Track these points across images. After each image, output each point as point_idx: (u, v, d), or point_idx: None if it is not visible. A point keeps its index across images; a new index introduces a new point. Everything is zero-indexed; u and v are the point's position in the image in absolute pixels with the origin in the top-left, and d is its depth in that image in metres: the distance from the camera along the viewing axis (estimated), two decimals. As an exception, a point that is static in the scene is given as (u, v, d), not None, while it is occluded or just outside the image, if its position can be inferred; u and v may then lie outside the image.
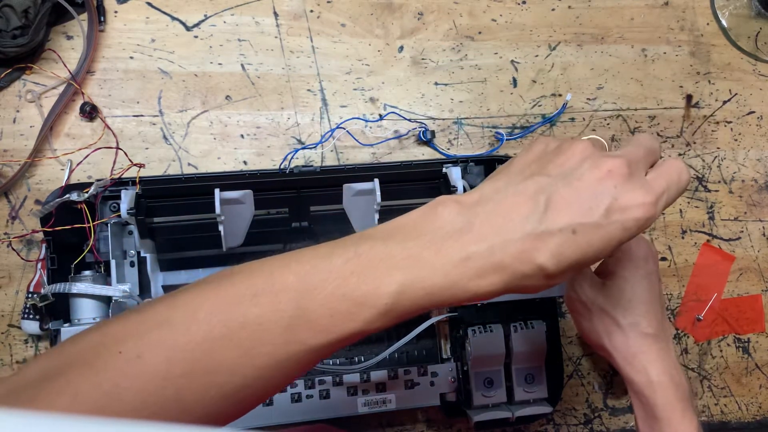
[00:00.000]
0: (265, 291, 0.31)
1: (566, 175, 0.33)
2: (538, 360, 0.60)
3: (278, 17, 0.65)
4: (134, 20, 0.62)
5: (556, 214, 0.32)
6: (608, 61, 0.71)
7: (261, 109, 0.64)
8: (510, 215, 0.32)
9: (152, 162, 0.62)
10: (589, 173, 0.33)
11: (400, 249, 0.32)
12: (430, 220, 0.33)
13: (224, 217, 0.53)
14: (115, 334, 0.30)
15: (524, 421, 0.61)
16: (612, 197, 0.32)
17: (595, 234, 0.32)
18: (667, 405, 0.43)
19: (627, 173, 0.33)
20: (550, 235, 0.31)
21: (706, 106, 0.72)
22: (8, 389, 0.29)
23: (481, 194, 0.34)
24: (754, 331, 0.72)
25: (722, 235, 0.72)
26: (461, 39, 0.68)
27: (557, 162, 0.34)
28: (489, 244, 0.32)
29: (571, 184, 0.33)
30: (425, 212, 0.34)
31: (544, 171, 0.34)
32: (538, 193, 0.32)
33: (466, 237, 0.32)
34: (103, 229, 0.56)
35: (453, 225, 0.33)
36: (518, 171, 0.35)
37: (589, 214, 0.32)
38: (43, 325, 0.56)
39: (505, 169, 0.36)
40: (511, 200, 0.33)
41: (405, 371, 0.59)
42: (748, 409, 0.71)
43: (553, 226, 0.32)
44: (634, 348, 0.44)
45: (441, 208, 0.33)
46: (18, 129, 0.60)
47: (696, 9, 0.73)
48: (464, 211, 0.33)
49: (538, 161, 0.35)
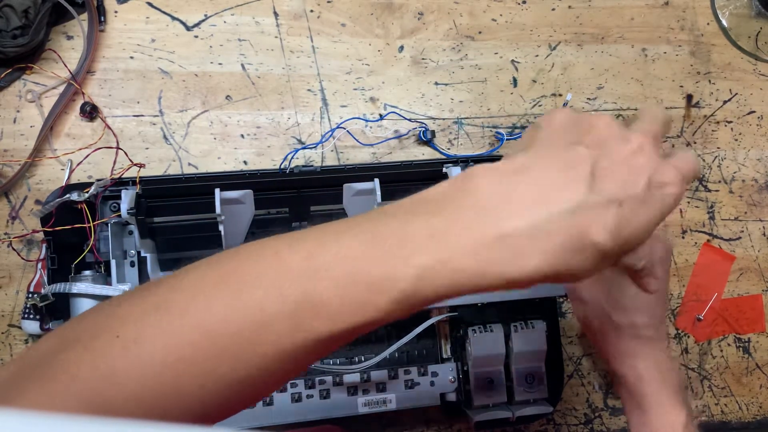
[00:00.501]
0: (269, 272, 0.28)
1: (599, 146, 0.30)
2: (539, 360, 0.60)
3: (278, 17, 0.65)
4: (134, 20, 0.62)
5: (604, 184, 0.28)
6: (608, 61, 0.71)
7: (261, 109, 0.64)
8: (556, 184, 0.28)
9: (152, 162, 0.62)
10: (622, 147, 0.30)
11: (423, 226, 0.28)
12: (461, 192, 0.29)
13: (224, 217, 0.53)
14: (115, 316, 0.29)
15: (524, 421, 0.60)
16: (648, 172, 0.30)
17: (640, 208, 0.29)
18: (655, 398, 0.43)
19: (656, 149, 0.31)
20: (603, 206, 0.28)
21: (706, 105, 0.72)
22: (16, 369, 0.29)
23: (519, 162, 0.29)
24: (755, 331, 0.72)
25: (722, 235, 0.72)
26: (461, 39, 0.68)
27: (583, 133, 0.31)
28: (532, 219, 0.27)
29: (609, 155, 0.30)
30: (455, 183, 0.29)
31: (576, 141, 0.30)
32: (581, 162, 0.29)
33: (502, 210, 0.27)
34: (104, 229, 0.56)
35: (488, 197, 0.28)
36: (551, 139, 0.30)
37: (633, 187, 0.29)
38: (44, 325, 0.56)
39: (534, 138, 0.31)
40: (555, 167, 0.29)
41: (405, 371, 0.59)
42: (748, 408, 0.71)
43: (602, 196, 0.28)
44: (626, 347, 0.44)
45: (477, 178, 0.29)
46: (18, 129, 0.60)
47: (696, 9, 0.73)
48: (503, 179, 0.28)
49: (568, 131, 0.31)
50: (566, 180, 0.28)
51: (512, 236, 0.27)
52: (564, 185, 0.28)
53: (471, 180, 0.29)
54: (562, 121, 0.31)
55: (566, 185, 0.28)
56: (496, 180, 0.28)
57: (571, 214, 0.27)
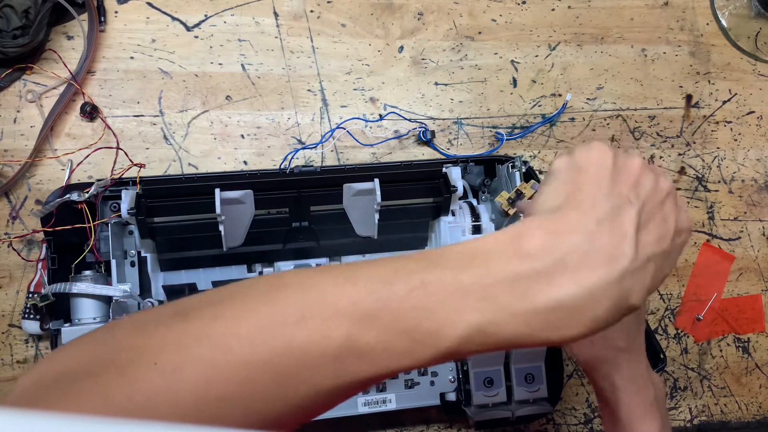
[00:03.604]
0: (315, 314, 0.27)
1: (640, 197, 0.31)
2: (538, 359, 0.60)
3: (278, 17, 0.65)
4: (135, 20, 0.63)
5: (645, 241, 0.30)
6: (608, 61, 0.71)
7: (261, 109, 0.64)
8: (608, 249, 0.28)
9: (153, 162, 0.62)
10: (655, 196, 0.32)
11: (476, 286, 0.27)
12: (511, 251, 0.28)
13: (224, 217, 0.53)
14: (155, 341, 0.28)
15: (524, 420, 0.61)
16: (673, 220, 0.32)
17: (666, 261, 0.31)
18: (629, 409, 0.44)
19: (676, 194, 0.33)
20: (643, 268, 0.29)
21: (705, 106, 0.72)
22: (39, 380, 0.27)
23: (566, 222, 0.29)
24: (754, 330, 0.72)
25: (722, 234, 0.72)
26: (461, 39, 0.68)
27: (625, 181, 0.31)
28: (585, 287, 0.27)
29: (648, 206, 0.31)
30: (506, 240, 0.29)
31: (621, 194, 0.30)
32: (626, 219, 0.29)
33: (558, 279, 0.27)
34: (104, 229, 0.56)
35: (541, 261, 0.28)
36: (595, 192, 0.30)
37: (665, 241, 0.31)
38: (44, 325, 0.56)
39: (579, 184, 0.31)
40: (606, 229, 0.29)
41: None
42: (748, 408, 0.71)
43: (645, 255, 0.29)
44: (601, 357, 0.44)
45: (526, 238, 0.28)
46: (18, 129, 0.60)
47: (696, 9, 0.73)
48: (554, 244, 0.28)
49: (607, 180, 0.31)
50: (616, 243, 0.29)
51: (565, 305, 0.27)
52: (615, 250, 0.28)
53: (519, 241, 0.28)
54: (601, 166, 0.31)
55: (617, 249, 0.28)
56: (550, 241, 0.28)
57: (620, 280, 0.28)
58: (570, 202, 0.30)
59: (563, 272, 0.28)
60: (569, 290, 0.27)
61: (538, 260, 0.28)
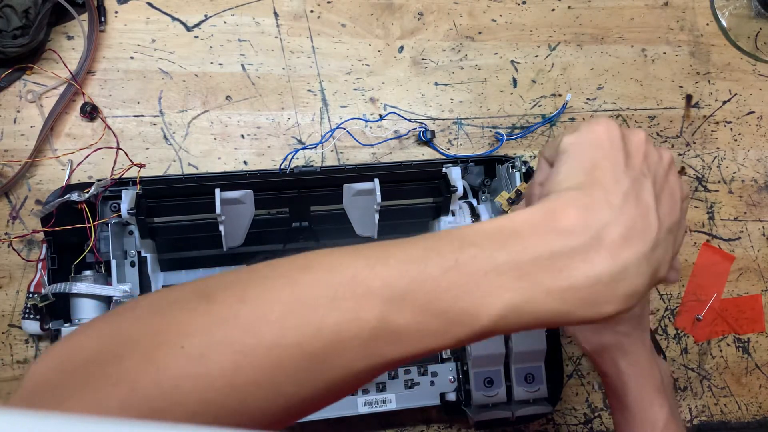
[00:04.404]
0: (347, 296, 0.27)
1: (651, 169, 0.32)
2: (538, 360, 0.60)
3: (278, 17, 0.65)
4: (135, 20, 0.63)
5: (663, 217, 0.30)
6: (608, 61, 0.71)
7: (261, 110, 0.64)
8: (637, 223, 0.29)
9: (153, 162, 0.62)
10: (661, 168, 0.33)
11: (511, 265, 0.27)
12: (544, 228, 0.28)
13: (224, 217, 0.53)
14: (179, 324, 0.27)
15: (524, 420, 0.61)
16: (678, 189, 0.33)
17: (679, 231, 0.32)
18: (636, 395, 0.44)
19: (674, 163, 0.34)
20: (666, 238, 0.30)
21: (705, 106, 0.72)
22: (59, 363, 0.27)
23: (596, 198, 0.29)
24: (754, 331, 0.72)
25: (722, 235, 0.72)
26: (461, 39, 0.68)
27: (636, 156, 0.32)
28: (621, 262, 0.28)
29: (657, 179, 0.32)
30: (539, 217, 0.29)
31: (636, 167, 0.31)
32: (646, 192, 0.30)
33: (594, 256, 0.27)
34: (104, 229, 0.56)
35: (576, 240, 0.28)
36: (613, 167, 0.31)
37: (674, 211, 0.32)
38: (44, 325, 0.56)
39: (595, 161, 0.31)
40: (632, 204, 0.29)
41: (405, 371, 0.59)
42: (748, 408, 0.71)
43: (664, 231, 0.30)
44: (606, 343, 0.44)
45: (560, 215, 0.28)
46: (18, 129, 0.60)
47: (696, 9, 0.73)
48: (587, 220, 0.28)
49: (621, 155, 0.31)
50: (643, 217, 0.29)
51: (602, 281, 0.27)
52: (643, 224, 0.29)
53: (554, 215, 0.28)
54: (612, 141, 0.31)
55: (645, 223, 0.29)
56: (584, 217, 0.28)
57: (652, 252, 0.29)
58: (592, 180, 0.30)
59: (598, 248, 0.27)
60: (606, 266, 0.27)
61: (573, 237, 0.28)
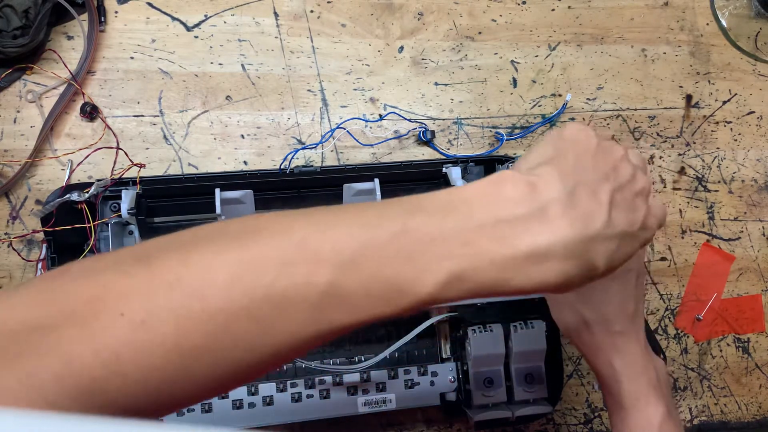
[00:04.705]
0: (297, 260, 0.27)
1: (617, 181, 0.33)
2: (538, 360, 0.60)
3: (278, 17, 0.65)
4: (135, 20, 0.63)
5: (617, 217, 0.32)
6: (608, 61, 0.71)
7: (261, 110, 0.64)
8: (585, 210, 0.30)
9: (153, 162, 0.62)
10: (630, 187, 0.34)
11: (457, 232, 0.28)
12: (494, 198, 0.29)
13: (225, 217, 0.53)
14: (118, 289, 0.26)
15: (524, 420, 0.61)
16: (643, 214, 0.34)
17: (629, 244, 0.33)
18: (632, 394, 0.44)
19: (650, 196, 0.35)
20: (610, 239, 0.31)
21: (705, 106, 0.72)
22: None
23: (548, 178, 0.30)
24: (754, 330, 0.72)
25: (722, 235, 0.72)
26: (461, 39, 0.68)
27: (606, 162, 0.34)
28: (563, 240, 0.29)
29: (622, 192, 0.33)
30: (488, 188, 0.30)
31: (600, 170, 0.33)
32: (603, 191, 0.32)
33: (537, 228, 0.29)
34: (104, 229, 0.56)
35: (522, 210, 0.29)
36: (579, 161, 0.33)
37: (632, 225, 0.33)
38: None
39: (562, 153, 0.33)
40: (585, 193, 0.31)
41: (405, 371, 0.59)
42: (748, 408, 0.71)
43: (613, 230, 0.31)
44: (600, 343, 0.44)
45: (509, 187, 0.30)
46: (18, 129, 0.60)
47: (696, 9, 0.73)
48: (535, 195, 0.30)
49: (592, 156, 0.33)
50: (593, 208, 0.31)
51: (539, 253, 0.29)
52: (591, 213, 0.30)
53: (501, 188, 0.30)
54: (587, 142, 0.34)
55: (593, 213, 0.30)
56: (525, 193, 0.29)
57: (591, 240, 0.30)
58: (551, 163, 0.32)
59: (542, 221, 0.29)
60: (545, 238, 0.29)
61: (519, 206, 0.29)
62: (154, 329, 0.25)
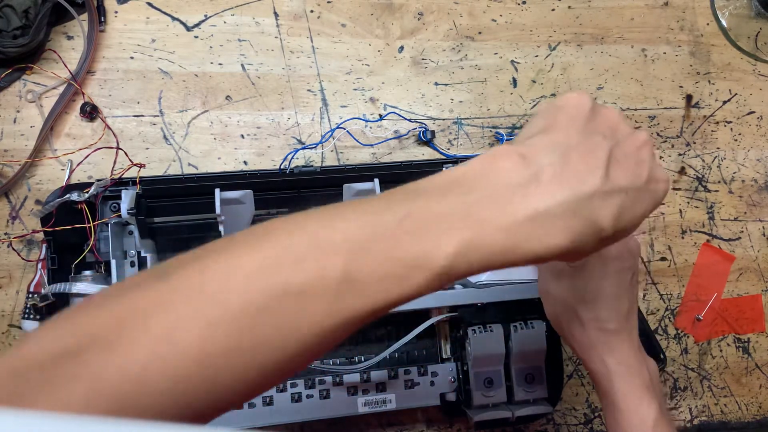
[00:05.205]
0: (309, 255, 0.27)
1: (614, 138, 0.33)
2: (538, 360, 0.60)
3: (278, 17, 0.65)
4: (135, 20, 0.62)
5: (616, 173, 0.31)
6: (608, 61, 0.71)
7: (261, 110, 0.64)
8: (579, 169, 0.30)
9: (152, 162, 0.62)
10: (631, 140, 0.33)
11: (459, 206, 0.29)
12: (489, 172, 0.30)
13: (224, 217, 0.53)
14: (140, 307, 0.26)
15: (524, 420, 0.61)
16: (649, 167, 0.33)
17: (640, 199, 0.33)
18: (625, 393, 0.44)
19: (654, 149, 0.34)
20: (613, 194, 0.31)
21: (706, 106, 0.72)
22: (12, 369, 0.25)
23: (540, 146, 0.31)
24: (754, 331, 0.72)
25: (722, 235, 0.72)
26: (461, 39, 0.68)
27: (601, 123, 0.33)
28: (560, 200, 0.29)
29: (621, 147, 0.33)
30: (482, 164, 0.31)
31: (595, 130, 0.32)
32: (600, 150, 0.31)
33: (533, 192, 0.29)
34: (104, 229, 0.56)
35: (517, 178, 0.30)
36: (572, 123, 0.33)
37: (637, 179, 0.32)
38: (44, 325, 0.56)
39: (555, 119, 0.33)
40: (578, 153, 0.31)
41: (405, 371, 0.59)
42: (748, 408, 0.71)
43: (615, 185, 0.31)
44: (593, 341, 0.44)
45: (502, 160, 0.30)
46: (18, 129, 0.60)
47: (696, 9, 0.73)
48: (528, 163, 0.30)
49: (585, 118, 0.33)
50: (587, 166, 0.31)
51: (542, 215, 0.29)
52: (586, 171, 0.31)
53: (495, 163, 0.30)
54: (579, 107, 0.33)
55: (588, 171, 0.31)
56: (518, 163, 0.30)
57: (589, 198, 0.30)
58: (544, 131, 0.32)
59: (537, 185, 0.30)
60: (542, 202, 0.29)
61: (513, 174, 0.30)
62: (178, 340, 0.25)
